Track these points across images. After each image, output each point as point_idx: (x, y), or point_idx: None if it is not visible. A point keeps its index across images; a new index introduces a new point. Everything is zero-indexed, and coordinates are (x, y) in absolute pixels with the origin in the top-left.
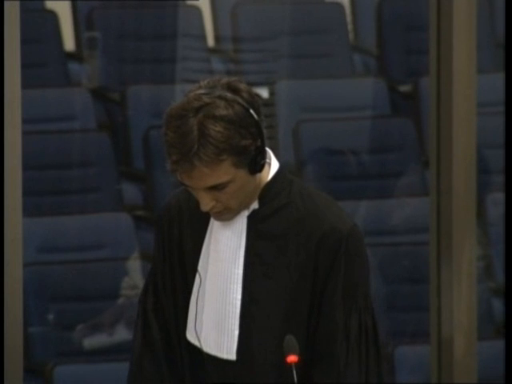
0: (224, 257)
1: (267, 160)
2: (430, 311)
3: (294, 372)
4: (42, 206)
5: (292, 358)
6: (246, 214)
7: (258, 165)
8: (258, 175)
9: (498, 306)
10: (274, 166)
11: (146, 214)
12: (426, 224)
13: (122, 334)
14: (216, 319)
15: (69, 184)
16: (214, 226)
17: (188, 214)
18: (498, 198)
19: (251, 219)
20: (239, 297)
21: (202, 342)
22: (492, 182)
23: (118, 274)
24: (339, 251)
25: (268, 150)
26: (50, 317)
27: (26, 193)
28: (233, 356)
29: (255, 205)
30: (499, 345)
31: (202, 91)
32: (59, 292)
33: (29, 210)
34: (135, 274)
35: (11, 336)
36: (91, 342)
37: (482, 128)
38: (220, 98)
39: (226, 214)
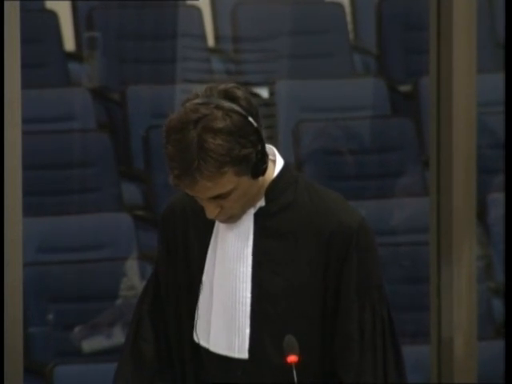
0: (231, 255)
1: (271, 157)
2: (430, 311)
3: (294, 372)
4: (42, 205)
5: (292, 358)
6: (252, 211)
7: (260, 169)
8: (262, 176)
9: (498, 305)
10: (278, 162)
11: (146, 214)
12: (426, 224)
13: (120, 335)
14: (226, 319)
15: (69, 184)
16: (221, 225)
17: (192, 214)
18: (498, 198)
19: (258, 217)
20: (249, 295)
21: (210, 342)
22: (492, 182)
23: (118, 274)
24: (350, 246)
25: (272, 147)
26: (50, 317)
27: (26, 193)
28: (245, 355)
29: (262, 202)
30: (499, 345)
31: (198, 101)
32: (59, 292)
33: (29, 210)
34: (133, 275)
35: (11, 336)
36: (89, 343)
37: (482, 128)
38: (217, 107)
39: (232, 218)
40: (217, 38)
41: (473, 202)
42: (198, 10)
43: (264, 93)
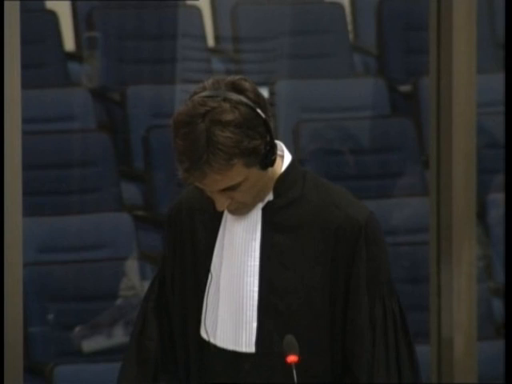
0: (239, 249)
1: (279, 152)
2: (430, 311)
3: (294, 372)
4: (42, 206)
5: (292, 358)
6: (260, 206)
7: (269, 160)
8: (271, 168)
9: (498, 305)
10: (286, 158)
11: (146, 214)
12: (426, 224)
13: (120, 335)
14: (233, 313)
15: (69, 184)
16: (228, 219)
17: (199, 212)
18: (498, 198)
19: (266, 211)
20: (256, 289)
21: (217, 337)
22: (492, 182)
23: (118, 274)
24: (359, 240)
25: (280, 142)
26: (50, 317)
27: (26, 193)
28: (252, 348)
29: (270, 196)
30: (499, 345)
31: (206, 93)
32: (59, 292)
33: (29, 210)
34: (133, 275)
35: (11, 336)
36: (89, 343)
37: (482, 128)
38: (225, 100)
39: (242, 209)
40: (217, 37)
41: (473, 202)
42: (198, 10)
43: (264, 93)
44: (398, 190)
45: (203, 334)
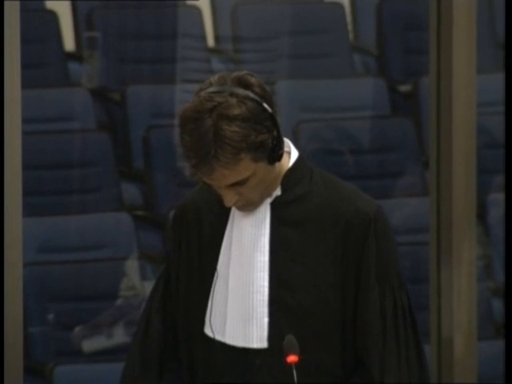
0: (248, 245)
1: (286, 149)
2: (430, 311)
3: (294, 372)
4: (42, 206)
5: (292, 358)
6: (268, 201)
7: (277, 155)
8: (278, 164)
9: (498, 306)
10: (293, 154)
11: (146, 214)
12: (426, 224)
13: (120, 335)
14: (242, 309)
15: (69, 184)
16: (236, 216)
17: (206, 212)
18: (498, 198)
19: (274, 206)
20: (266, 284)
21: (226, 334)
22: (492, 182)
23: (118, 274)
24: (368, 233)
25: (286, 139)
26: (50, 317)
27: (26, 193)
28: (264, 344)
29: (278, 191)
30: (499, 345)
31: (212, 89)
32: (59, 292)
33: (29, 210)
34: (133, 275)
35: (11, 336)
36: (89, 343)
37: (482, 128)
38: (232, 95)
39: (250, 206)
40: (217, 37)
41: (473, 202)
42: (198, 10)
43: None
44: (397, 190)
45: (208, 332)
